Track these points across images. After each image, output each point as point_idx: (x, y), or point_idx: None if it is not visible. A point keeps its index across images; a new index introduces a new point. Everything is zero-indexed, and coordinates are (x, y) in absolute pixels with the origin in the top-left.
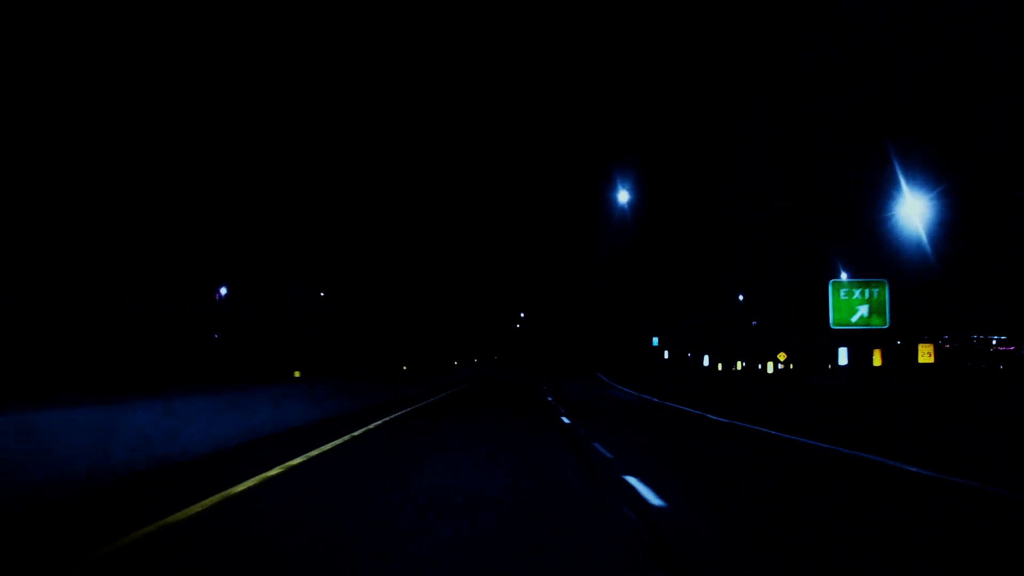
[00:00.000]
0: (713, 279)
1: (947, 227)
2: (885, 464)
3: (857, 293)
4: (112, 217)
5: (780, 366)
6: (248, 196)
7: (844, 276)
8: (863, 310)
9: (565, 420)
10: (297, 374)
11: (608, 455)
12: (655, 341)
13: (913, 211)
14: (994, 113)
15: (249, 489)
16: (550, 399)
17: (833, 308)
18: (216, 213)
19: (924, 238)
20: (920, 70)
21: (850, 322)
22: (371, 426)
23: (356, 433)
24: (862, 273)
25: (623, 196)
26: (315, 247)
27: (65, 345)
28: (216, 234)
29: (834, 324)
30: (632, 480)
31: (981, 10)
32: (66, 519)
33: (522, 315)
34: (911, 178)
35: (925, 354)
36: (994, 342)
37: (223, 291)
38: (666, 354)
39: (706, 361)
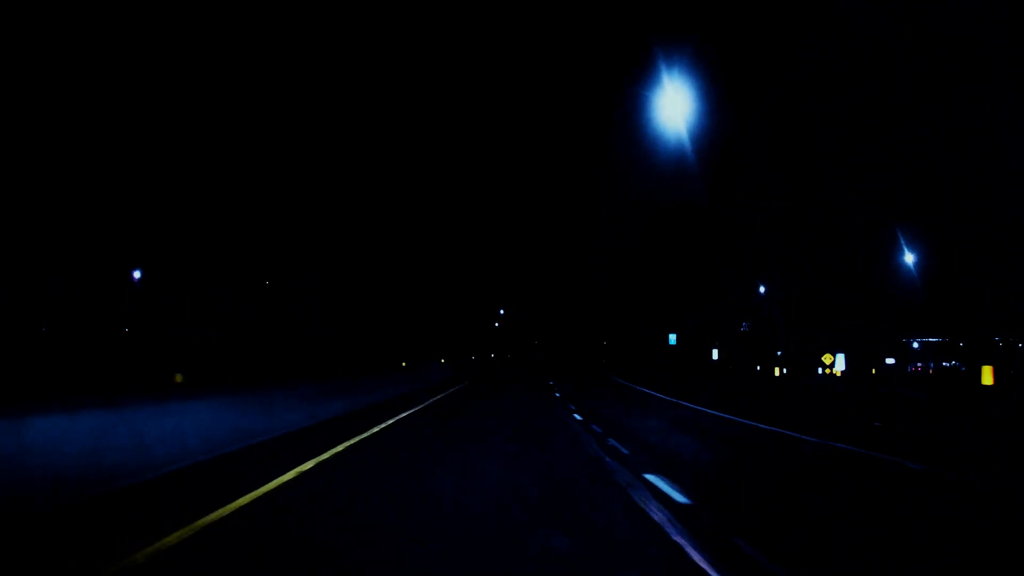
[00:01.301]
0: (735, 265)
1: None
2: None
3: None
4: (112, 217)
5: (824, 371)
6: (247, 196)
7: (911, 258)
8: None
9: None
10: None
11: None
12: (672, 339)
13: None
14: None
15: None
16: (614, 442)
17: None
18: (216, 213)
19: None
20: (920, 70)
21: None
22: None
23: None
24: None
25: (668, 124)
26: (316, 246)
27: (64, 345)
28: (216, 234)
29: None
30: None
31: (981, 10)
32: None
33: (501, 311)
34: None
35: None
36: None
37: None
38: (715, 354)
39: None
